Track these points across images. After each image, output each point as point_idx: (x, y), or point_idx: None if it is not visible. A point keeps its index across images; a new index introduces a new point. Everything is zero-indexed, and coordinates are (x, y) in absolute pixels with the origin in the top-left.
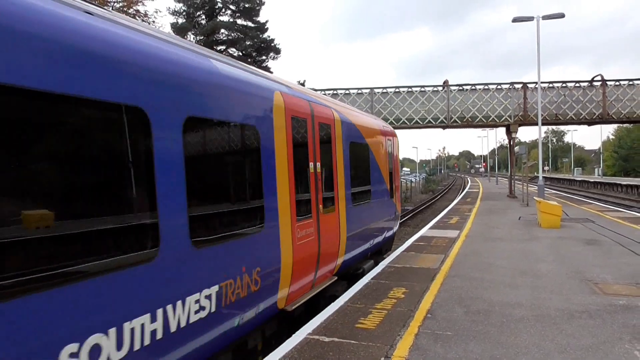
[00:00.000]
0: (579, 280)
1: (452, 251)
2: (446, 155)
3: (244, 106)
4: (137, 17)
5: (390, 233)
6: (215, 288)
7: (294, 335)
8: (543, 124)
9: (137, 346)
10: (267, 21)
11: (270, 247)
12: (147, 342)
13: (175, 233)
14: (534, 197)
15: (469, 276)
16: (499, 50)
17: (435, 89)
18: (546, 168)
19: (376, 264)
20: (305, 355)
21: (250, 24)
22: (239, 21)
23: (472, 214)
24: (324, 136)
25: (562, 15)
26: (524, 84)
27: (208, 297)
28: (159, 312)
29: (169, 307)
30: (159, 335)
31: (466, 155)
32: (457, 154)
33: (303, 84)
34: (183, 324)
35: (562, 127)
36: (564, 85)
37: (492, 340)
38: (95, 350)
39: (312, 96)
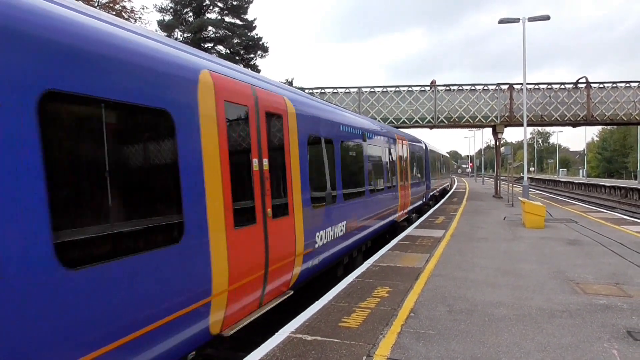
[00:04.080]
0: (561, 280)
1: (436, 250)
2: None
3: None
4: (123, 14)
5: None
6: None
7: (276, 334)
8: (529, 125)
9: None
10: (255, 19)
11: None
12: None
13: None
14: (519, 198)
15: (452, 275)
16: (491, 52)
17: (422, 89)
18: (532, 169)
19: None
20: (288, 354)
21: (238, 21)
22: (227, 19)
23: (457, 213)
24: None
25: (547, 18)
26: (510, 85)
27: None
28: None
29: None
30: None
31: (453, 155)
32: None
33: (291, 83)
34: None
35: (547, 129)
36: (549, 87)
37: (473, 339)
38: None
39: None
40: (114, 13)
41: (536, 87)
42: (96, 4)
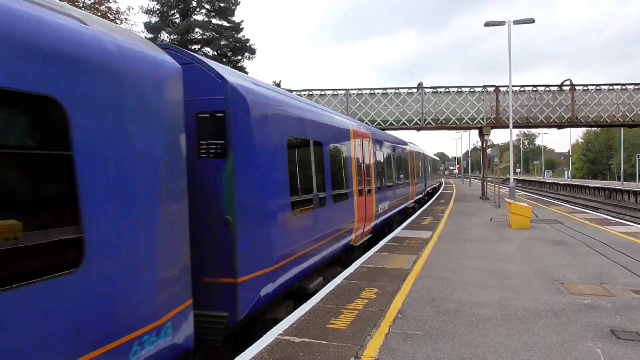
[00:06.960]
0: (546, 280)
1: (424, 252)
2: None
3: None
4: (108, 15)
5: None
6: None
7: (264, 336)
8: (514, 127)
9: None
10: (242, 21)
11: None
12: None
13: None
14: (505, 199)
15: (440, 276)
16: (481, 54)
17: (409, 91)
18: (518, 170)
19: None
20: (276, 356)
21: (225, 23)
22: (214, 20)
23: (445, 215)
24: None
25: (532, 21)
26: (496, 88)
27: None
28: None
29: None
30: None
31: (440, 157)
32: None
33: (279, 85)
34: None
35: (533, 130)
36: (534, 89)
37: (460, 339)
38: None
39: None
40: (100, 14)
41: (522, 89)
42: (81, 5)
